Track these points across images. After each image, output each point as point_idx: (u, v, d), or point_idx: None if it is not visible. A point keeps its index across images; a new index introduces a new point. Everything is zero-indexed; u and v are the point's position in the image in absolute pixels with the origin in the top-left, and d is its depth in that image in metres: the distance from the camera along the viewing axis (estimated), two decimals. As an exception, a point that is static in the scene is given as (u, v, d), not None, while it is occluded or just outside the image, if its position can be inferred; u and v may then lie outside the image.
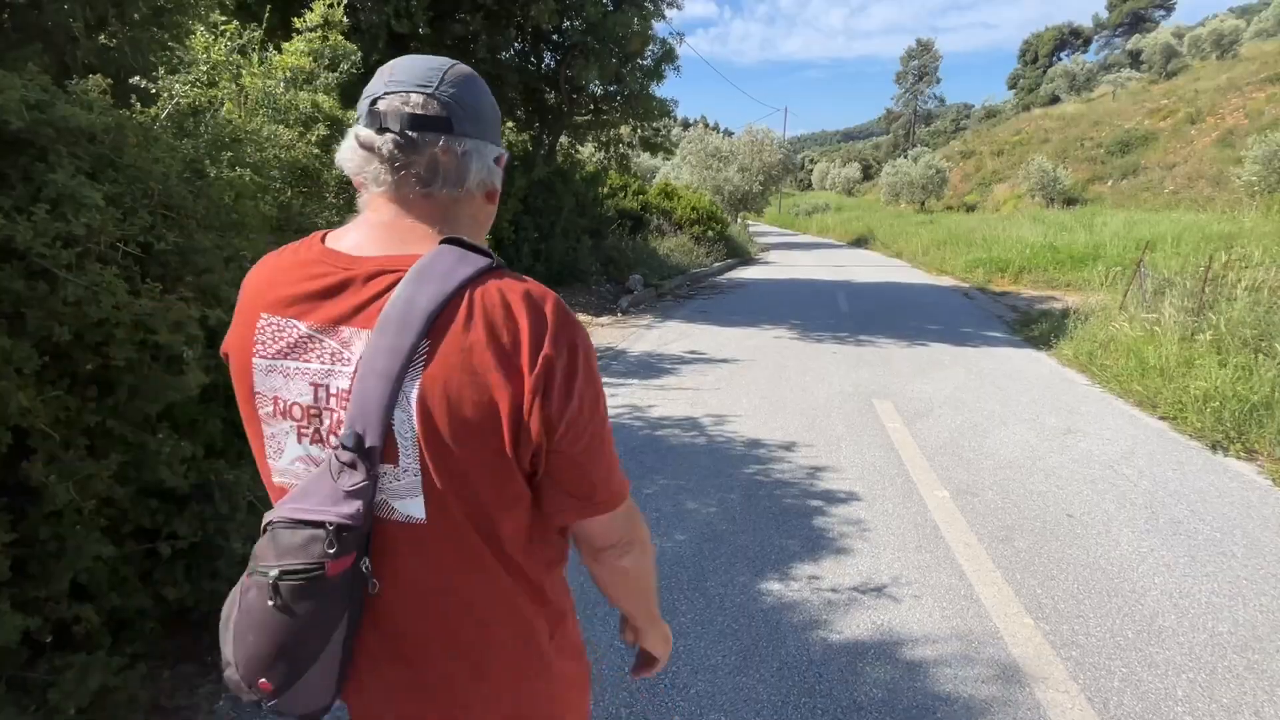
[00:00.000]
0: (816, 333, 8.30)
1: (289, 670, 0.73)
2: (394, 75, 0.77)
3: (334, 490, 0.70)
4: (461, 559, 0.75)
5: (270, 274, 0.78)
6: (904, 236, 21.57)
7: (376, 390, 0.69)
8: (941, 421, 4.97)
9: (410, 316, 0.69)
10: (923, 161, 33.89)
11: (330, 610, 0.73)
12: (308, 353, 0.73)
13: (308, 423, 0.75)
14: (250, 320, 0.76)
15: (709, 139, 25.65)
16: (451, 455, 0.70)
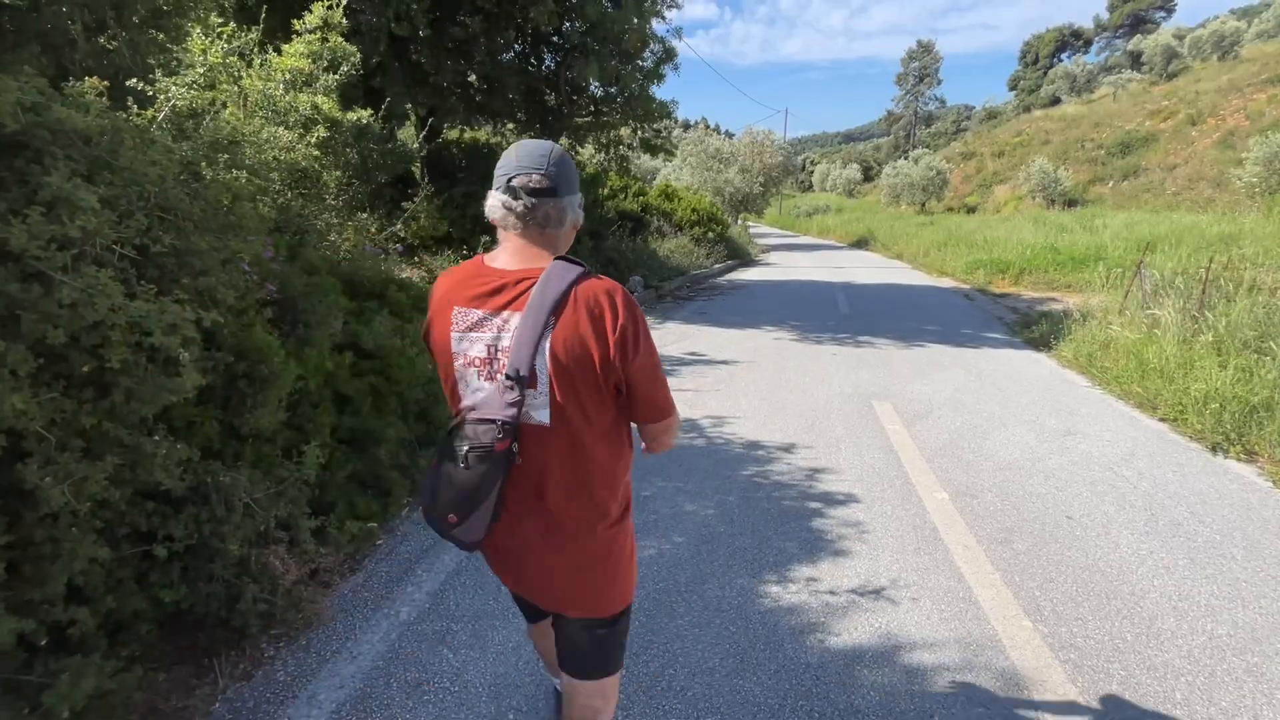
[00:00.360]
0: (816, 334, 8.29)
1: (468, 509, 1.29)
2: (519, 160, 1.26)
3: (501, 403, 1.23)
4: (567, 448, 1.28)
5: (454, 283, 1.32)
6: (904, 238, 21.56)
7: (526, 347, 1.20)
8: (941, 423, 4.96)
9: (543, 304, 1.20)
10: (923, 163, 33.88)
11: (494, 472, 1.27)
12: (483, 328, 1.26)
13: (484, 368, 1.27)
14: (446, 310, 1.30)
15: (709, 141, 25.67)
16: (567, 385, 1.23)
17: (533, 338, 1.20)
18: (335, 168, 5.77)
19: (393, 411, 3.49)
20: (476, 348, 1.27)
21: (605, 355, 1.22)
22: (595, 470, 1.32)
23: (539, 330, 1.20)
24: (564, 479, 1.31)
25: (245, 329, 2.38)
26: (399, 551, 2.96)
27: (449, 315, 1.29)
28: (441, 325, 1.31)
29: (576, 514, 1.34)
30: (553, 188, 1.26)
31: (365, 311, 3.70)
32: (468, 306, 1.27)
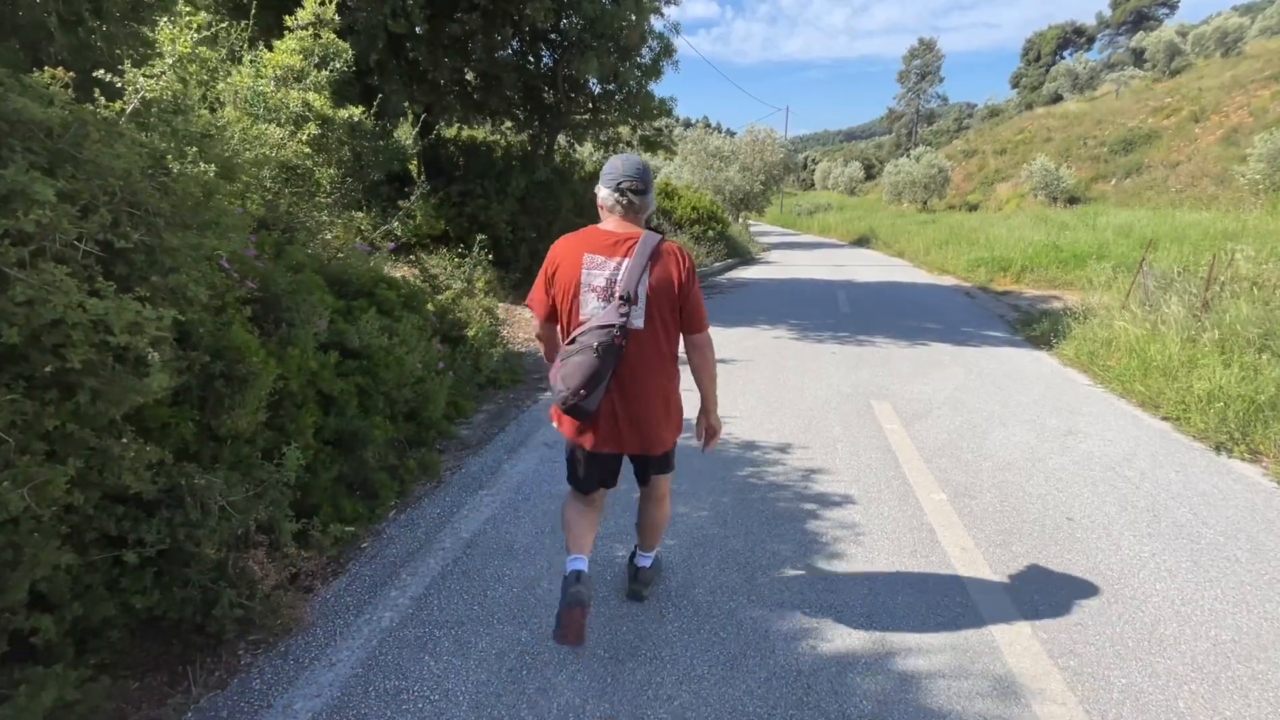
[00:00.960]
0: (816, 333, 8.22)
1: (593, 385, 1.97)
2: (624, 170, 2.05)
3: (615, 314, 1.96)
4: (651, 344, 2.05)
5: (579, 240, 2.05)
6: (906, 236, 21.46)
7: (634, 280, 1.97)
8: (940, 422, 4.89)
9: (644, 254, 1.99)
10: (925, 160, 33.74)
11: (610, 359, 1.97)
12: (604, 267, 2.00)
13: (602, 293, 2.00)
14: (577, 256, 2.02)
15: (710, 139, 25.57)
16: (655, 303, 2.02)
17: (638, 274, 2.02)
18: (329, 165, 5.71)
19: (380, 412, 3.43)
20: (598, 279, 2.04)
21: (680, 284, 2.08)
22: (667, 358, 2.16)
23: (642, 269, 2.02)
24: (650, 362, 2.11)
25: (223, 328, 2.32)
26: (384, 555, 2.90)
27: (580, 259, 2.05)
28: (571, 267, 2.06)
29: (655, 384, 2.15)
30: (644, 189, 2.10)
31: (353, 310, 3.64)
32: (594, 253, 2.05)
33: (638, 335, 2.05)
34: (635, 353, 2.07)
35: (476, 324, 5.10)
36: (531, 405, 5.05)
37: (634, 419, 2.15)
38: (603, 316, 2.01)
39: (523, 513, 3.31)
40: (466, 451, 4.12)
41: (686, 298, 2.10)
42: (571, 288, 2.06)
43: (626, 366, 2.07)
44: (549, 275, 2.11)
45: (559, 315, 2.13)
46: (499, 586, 2.67)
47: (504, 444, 4.25)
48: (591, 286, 2.04)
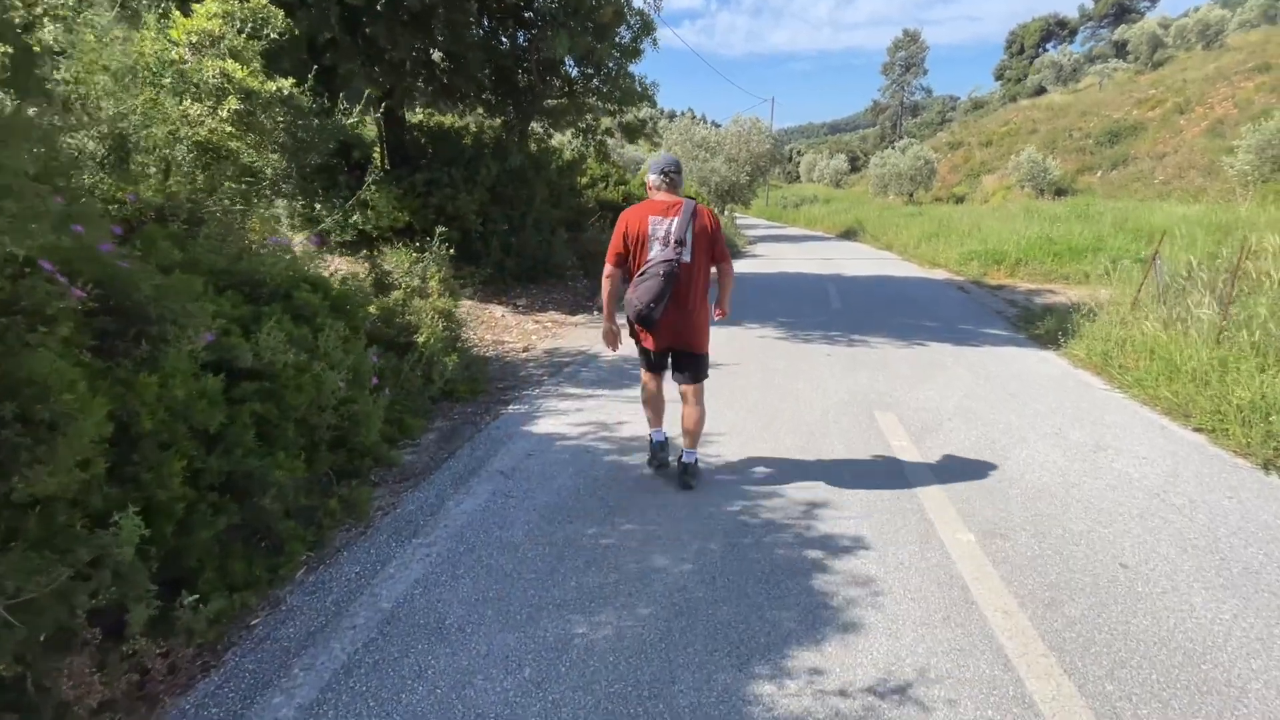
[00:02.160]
0: (807, 331, 7.63)
1: (659, 300, 3.13)
2: (666, 161, 3.32)
3: (673, 253, 3.13)
4: (696, 273, 3.20)
5: (645, 208, 3.23)
6: (894, 228, 20.96)
7: (683, 229, 3.14)
8: (953, 437, 4.31)
9: (687, 212, 3.18)
10: (911, 153, 33.29)
11: (670, 282, 3.13)
12: (662, 223, 3.17)
13: (662, 240, 3.15)
14: (644, 218, 3.19)
15: (695, 129, 24.90)
16: (697, 245, 3.17)
17: (685, 225, 3.11)
18: (264, 147, 5.01)
19: (289, 445, 2.77)
20: (660, 231, 3.12)
21: (711, 231, 3.18)
22: (703, 282, 3.24)
23: (687, 222, 3.12)
24: (694, 286, 3.18)
25: (8, 355, 1.65)
26: (277, 637, 2.25)
27: (646, 219, 3.16)
28: (639, 224, 3.16)
29: (698, 301, 3.23)
30: (679, 172, 3.28)
31: (262, 317, 2.97)
32: (655, 215, 3.15)
33: (687, 266, 3.16)
34: (685, 278, 3.16)
35: (428, 328, 4.43)
36: (490, 422, 4.40)
37: (683, 326, 3.27)
38: (665, 254, 3.12)
39: (463, 570, 2.67)
40: (406, 484, 3.47)
41: (717, 240, 3.23)
42: (641, 238, 3.16)
43: (680, 287, 3.16)
44: (624, 232, 3.20)
45: (629, 259, 3.22)
46: (418, 687, 2.03)
47: (452, 473, 3.61)
48: (656, 236, 3.14)
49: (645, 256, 3.15)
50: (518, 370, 5.73)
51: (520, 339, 6.96)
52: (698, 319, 3.30)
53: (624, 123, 10.39)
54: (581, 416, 4.50)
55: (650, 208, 3.20)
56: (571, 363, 6.00)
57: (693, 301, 3.22)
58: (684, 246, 3.13)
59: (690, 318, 3.26)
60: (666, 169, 3.25)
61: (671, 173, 3.25)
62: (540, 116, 9.71)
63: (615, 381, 5.40)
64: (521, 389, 5.16)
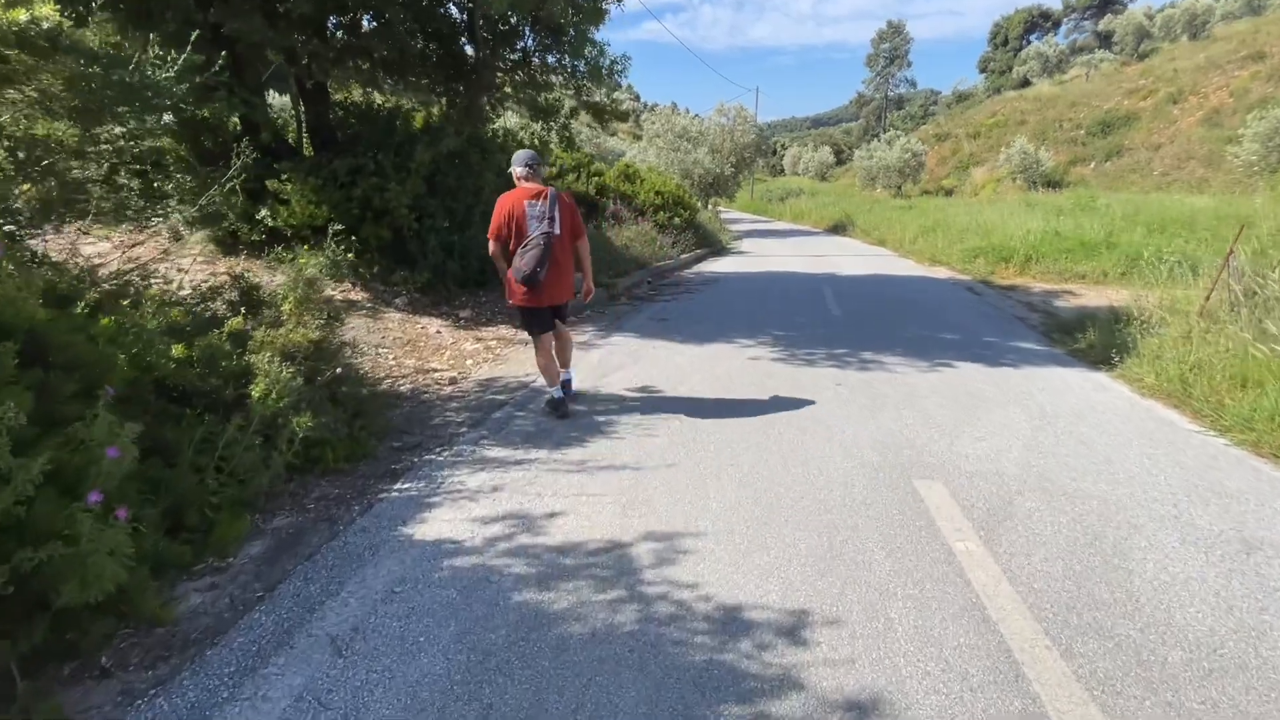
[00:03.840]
0: (807, 349, 6.21)
1: (542, 264, 3.85)
2: (528, 157, 4.01)
3: (546, 228, 3.87)
4: (564, 243, 3.98)
5: (520, 195, 3.91)
6: (885, 223, 19.63)
7: (552, 209, 3.90)
8: (1036, 528, 2.91)
9: (552, 197, 3.93)
10: (899, 145, 31.97)
11: (548, 251, 3.87)
12: (537, 205, 3.88)
13: (538, 219, 3.87)
14: (521, 202, 3.88)
15: (677, 119, 23.38)
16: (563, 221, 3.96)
17: (553, 206, 3.89)
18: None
19: None
20: (535, 211, 3.84)
21: (571, 210, 4.03)
22: (569, 249, 4.06)
23: (554, 204, 3.89)
24: (563, 252, 3.98)
25: None
26: None
27: (523, 203, 3.85)
28: (518, 207, 3.85)
29: (567, 265, 4.05)
30: (540, 165, 4.03)
31: None
32: (530, 200, 3.86)
33: (558, 238, 3.92)
34: (559, 247, 3.94)
35: (268, 376, 2.95)
36: (357, 518, 2.92)
37: (555, 283, 4.00)
38: (542, 228, 3.85)
39: None
40: (158, 671, 1.99)
41: (576, 218, 4.09)
42: (520, 218, 3.87)
43: (553, 254, 3.89)
44: (505, 214, 3.88)
45: (510, 239, 3.91)
46: None
47: (250, 641, 2.12)
48: (532, 216, 3.86)
49: (526, 232, 3.87)
50: (431, 415, 4.25)
51: (452, 364, 5.48)
52: (568, 278, 4.12)
53: (590, 103, 8.88)
54: (497, 503, 3.04)
55: (524, 193, 3.93)
56: (507, 402, 4.53)
57: (564, 264, 4.04)
58: (554, 222, 3.89)
59: (564, 277, 4.07)
60: (530, 162, 3.98)
61: (534, 165, 3.99)
62: (492, 94, 8.18)
63: (555, 435, 3.94)
64: (426, 449, 3.69)
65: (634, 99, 61.72)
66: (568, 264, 4.07)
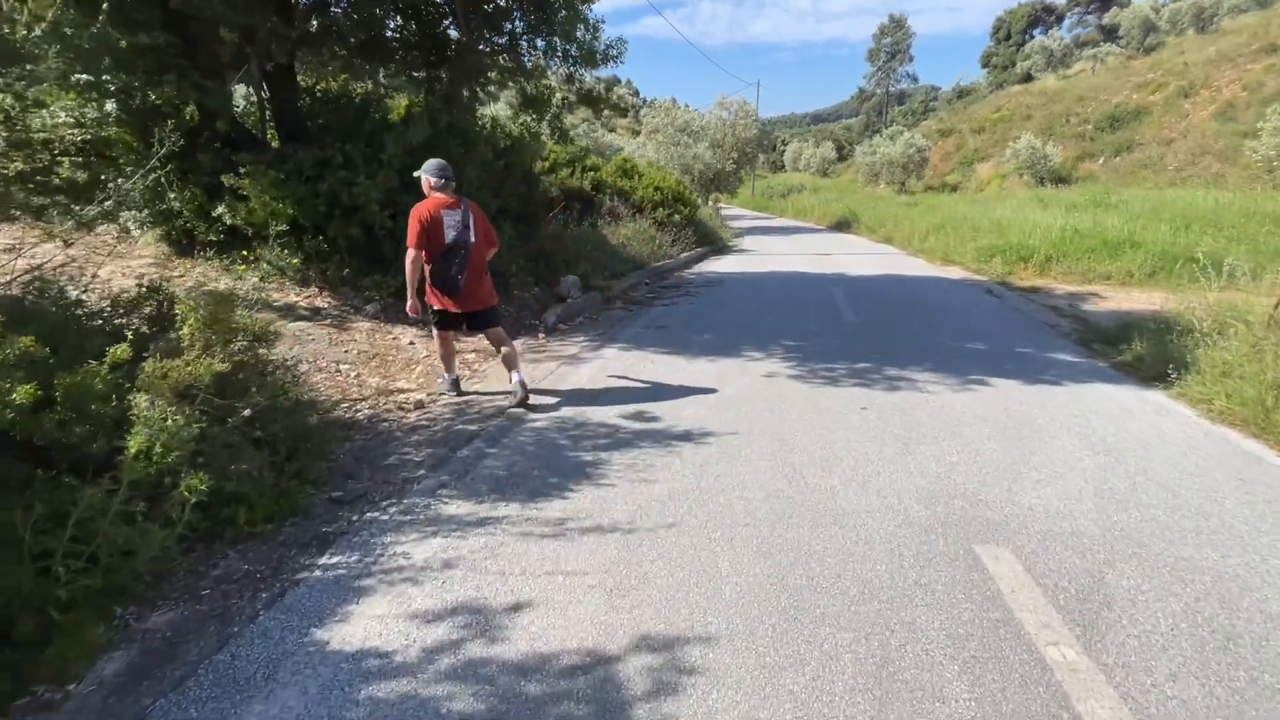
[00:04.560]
0: (825, 363, 5.51)
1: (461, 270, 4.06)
2: (440, 167, 4.07)
3: (464, 234, 4.05)
4: (480, 249, 4.16)
5: (438, 204, 3.99)
6: (891, 220, 18.90)
7: (466, 218, 4.09)
8: (1151, 629, 2.20)
9: (467, 206, 4.12)
10: (903, 140, 31.22)
11: (466, 257, 4.07)
12: (453, 214, 4.03)
13: (456, 228, 4.02)
14: (439, 210, 3.97)
15: (677, 112, 22.62)
16: (478, 229, 4.14)
17: (467, 215, 4.07)
18: None
19: None
20: (452, 220, 3.98)
21: (485, 221, 4.24)
22: (485, 256, 4.23)
23: (468, 213, 4.07)
24: (479, 258, 4.15)
25: None
26: None
27: (441, 212, 3.95)
28: (436, 216, 3.93)
29: (481, 267, 4.18)
30: (454, 179, 4.10)
31: None
32: (447, 209, 3.98)
33: (475, 245, 4.09)
34: (476, 255, 4.11)
35: (150, 424, 2.25)
36: (259, 615, 2.21)
37: (475, 290, 4.16)
38: (460, 237, 4.01)
39: None
40: None
41: (489, 226, 4.26)
42: (438, 226, 3.95)
43: (471, 260, 4.06)
44: (424, 223, 3.92)
45: (430, 245, 3.97)
46: None
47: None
48: (450, 225, 3.98)
49: (443, 240, 4.00)
50: (387, 452, 3.55)
51: (422, 382, 4.77)
52: (486, 283, 4.30)
53: (584, 92, 8.17)
54: (446, 588, 2.34)
55: (440, 203, 4.03)
56: (478, 434, 3.82)
57: (480, 270, 4.23)
58: (471, 231, 4.09)
59: (482, 282, 4.25)
60: (443, 173, 4.07)
61: (447, 176, 4.08)
62: (476, 78, 7.45)
63: (531, 481, 3.24)
64: (371, 501, 2.99)
65: (633, 94, 60.89)
66: (485, 271, 4.28)
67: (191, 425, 2.39)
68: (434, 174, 4.02)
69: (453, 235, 3.96)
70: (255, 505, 2.74)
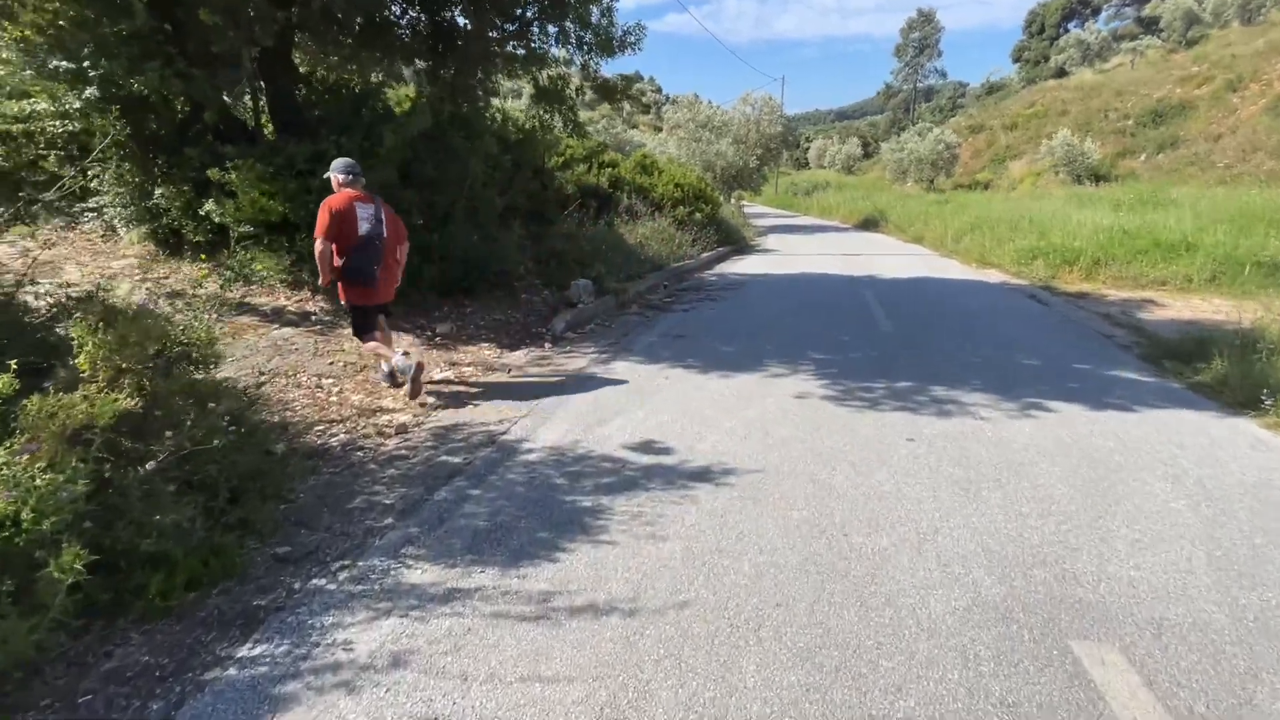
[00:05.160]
0: (861, 381, 4.89)
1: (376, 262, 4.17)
2: (349, 165, 4.22)
3: (375, 229, 4.13)
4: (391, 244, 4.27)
5: (350, 198, 4.07)
6: (922, 219, 18.07)
7: (379, 212, 4.20)
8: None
9: (378, 202, 4.24)
10: (931, 137, 30.16)
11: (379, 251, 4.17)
12: (365, 209, 4.11)
13: (366, 220, 4.09)
14: (352, 205, 4.05)
15: (700, 108, 21.95)
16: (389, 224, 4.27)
17: (379, 210, 4.16)
18: None
19: None
20: (365, 214, 4.05)
21: (394, 217, 4.39)
22: (396, 249, 4.35)
23: (379, 208, 4.17)
24: (391, 252, 4.26)
25: None
26: None
27: (354, 206, 4.02)
28: (350, 210, 4.00)
29: (393, 263, 4.32)
30: (361, 174, 4.26)
31: None
32: (360, 203, 4.06)
33: (387, 239, 4.19)
34: (389, 248, 4.21)
35: (16, 485, 1.76)
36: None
37: (390, 282, 4.35)
38: (373, 230, 4.09)
39: None
40: None
41: (398, 223, 4.39)
42: (351, 219, 4.01)
43: (384, 255, 4.17)
44: (335, 215, 3.97)
45: (343, 238, 4.03)
46: None
47: None
48: (363, 218, 4.05)
49: (357, 233, 4.06)
50: (355, 490, 3.03)
51: (409, 404, 4.26)
52: (395, 278, 4.46)
53: (599, 82, 7.61)
54: (392, 700, 1.79)
55: (352, 196, 4.10)
56: (461, 469, 3.29)
57: (392, 265, 4.35)
58: (382, 225, 4.18)
59: (392, 275, 4.40)
60: (350, 170, 4.20)
61: (355, 172, 4.21)
62: (482, 67, 6.93)
63: (516, 536, 2.69)
64: (321, 562, 2.47)
65: (655, 91, 60.21)
66: (395, 266, 4.41)
67: (75, 481, 1.88)
68: (342, 171, 4.18)
69: (366, 228, 4.07)
70: (177, 568, 2.24)
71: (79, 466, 1.92)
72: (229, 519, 2.59)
